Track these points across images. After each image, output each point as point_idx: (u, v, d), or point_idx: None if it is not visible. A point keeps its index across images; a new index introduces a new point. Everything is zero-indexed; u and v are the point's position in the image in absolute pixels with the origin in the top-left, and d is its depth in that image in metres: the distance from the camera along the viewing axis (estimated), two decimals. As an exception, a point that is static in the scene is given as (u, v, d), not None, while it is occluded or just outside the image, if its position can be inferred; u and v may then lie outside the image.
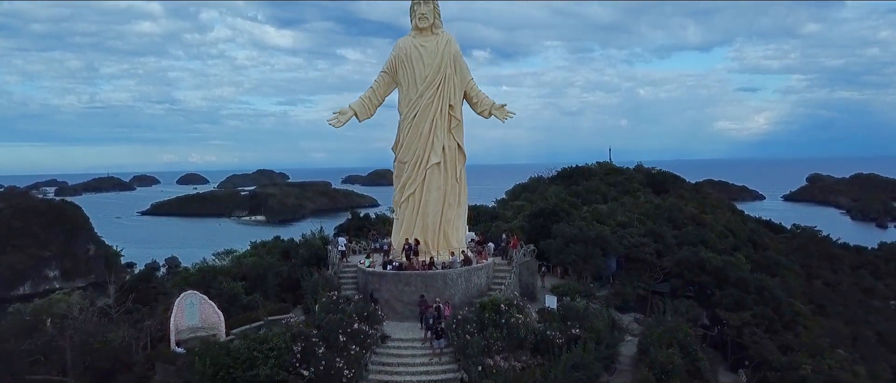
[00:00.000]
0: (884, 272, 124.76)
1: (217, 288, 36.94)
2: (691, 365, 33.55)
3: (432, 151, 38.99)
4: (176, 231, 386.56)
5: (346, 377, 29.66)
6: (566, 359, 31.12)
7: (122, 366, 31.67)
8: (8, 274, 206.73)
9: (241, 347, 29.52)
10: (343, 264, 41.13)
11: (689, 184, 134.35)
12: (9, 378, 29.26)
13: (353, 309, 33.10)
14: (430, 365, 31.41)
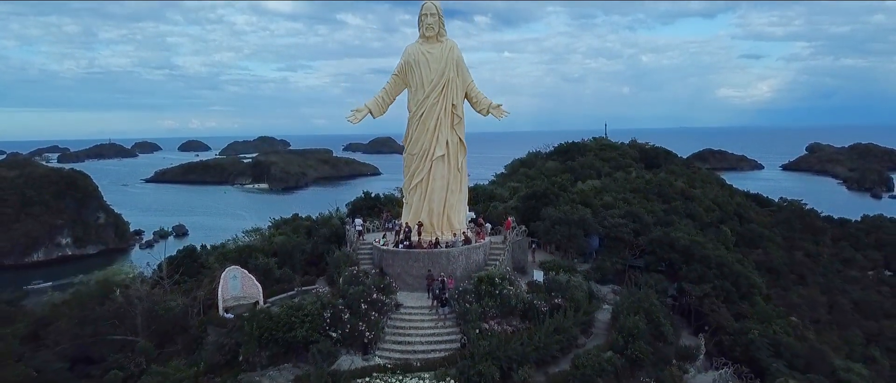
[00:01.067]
0: (865, 244, 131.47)
1: (253, 263, 43.42)
2: (655, 330, 40.14)
3: (437, 145, 45.09)
4: (181, 199, 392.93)
5: (367, 338, 36.40)
6: (549, 324, 37.81)
7: (180, 329, 38.28)
8: (23, 241, 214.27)
9: (281, 313, 36.15)
10: (360, 242, 47.67)
11: (680, 159, 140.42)
12: (95, 336, 35.84)
13: (371, 281, 39.70)
14: (436, 329, 38.10)
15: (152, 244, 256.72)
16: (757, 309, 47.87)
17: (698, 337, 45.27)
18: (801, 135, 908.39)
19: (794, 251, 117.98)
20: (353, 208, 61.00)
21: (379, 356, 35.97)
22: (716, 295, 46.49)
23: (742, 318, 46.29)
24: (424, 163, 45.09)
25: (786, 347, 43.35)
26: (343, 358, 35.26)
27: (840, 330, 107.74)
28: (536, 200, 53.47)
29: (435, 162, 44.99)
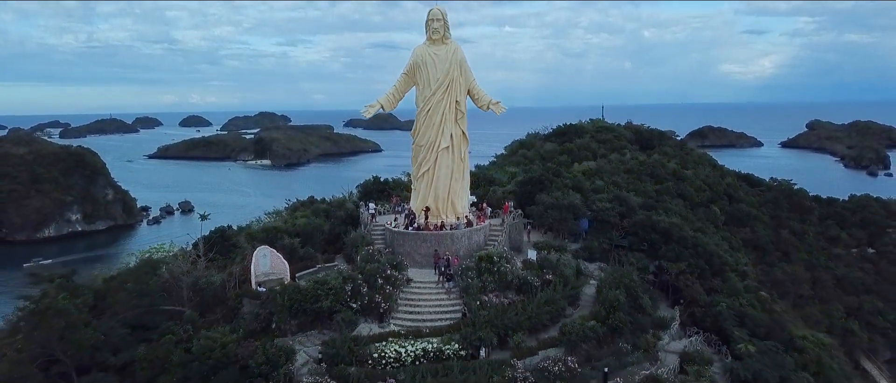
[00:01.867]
0: (850, 222, 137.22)
1: (280, 243, 49.16)
2: (634, 303, 46.03)
3: (443, 137, 50.59)
4: (185, 175, 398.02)
5: (383, 308, 42.30)
6: (540, 297, 43.72)
7: (219, 301, 44.10)
8: (34, 217, 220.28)
9: (308, 287, 41.98)
10: (373, 224, 53.42)
11: (674, 140, 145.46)
12: (149, 307, 41.66)
13: (385, 259, 45.52)
14: (442, 300, 44.00)
15: (159, 220, 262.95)
16: (728, 284, 53.73)
17: (673, 309, 51.23)
18: (803, 112, 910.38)
19: (780, 229, 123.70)
20: (364, 191, 66.49)
21: (393, 323, 41.90)
22: (690, 271, 52.33)
23: (713, 292, 52.15)
24: (431, 154, 50.63)
25: (749, 318, 49.27)
26: (362, 326, 41.16)
27: (822, 304, 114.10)
28: (532, 186, 59.05)
29: (440, 153, 50.52)
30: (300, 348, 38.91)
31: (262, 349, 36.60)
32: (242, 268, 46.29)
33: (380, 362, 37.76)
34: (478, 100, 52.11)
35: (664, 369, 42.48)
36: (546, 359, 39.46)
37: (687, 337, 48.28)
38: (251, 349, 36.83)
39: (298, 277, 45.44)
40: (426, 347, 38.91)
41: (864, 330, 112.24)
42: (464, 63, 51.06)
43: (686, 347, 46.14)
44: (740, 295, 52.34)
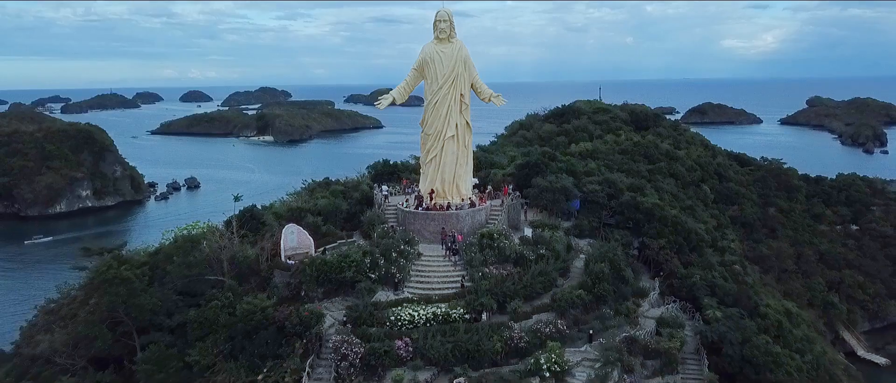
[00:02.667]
0: (836, 200, 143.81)
1: (304, 221, 55.55)
2: (617, 274, 52.55)
3: (448, 127, 56.69)
4: (189, 151, 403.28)
5: (397, 278, 48.86)
6: (535, 269, 50.25)
7: (253, 272, 50.59)
8: (46, 193, 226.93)
9: (332, 259, 48.49)
10: (386, 204, 59.82)
11: (668, 121, 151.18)
12: (195, 277, 48.13)
13: (399, 236, 52.00)
14: (449, 272, 50.54)
15: (167, 196, 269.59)
16: (703, 258, 60.29)
17: (653, 280, 57.94)
18: (804, 88, 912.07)
19: (767, 207, 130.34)
20: (375, 173, 72.70)
21: (406, 291, 48.52)
22: (670, 247, 58.87)
23: (690, 266, 58.71)
24: (438, 142, 56.82)
25: (719, 288, 55.95)
26: (380, 293, 47.75)
27: (804, 278, 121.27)
28: (529, 169, 65.30)
29: (446, 141, 56.70)
30: (328, 312, 45.54)
31: (296, 312, 43.19)
32: (272, 243, 52.69)
33: (396, 324, 44.40)
34: (480, 93, 58.17)
35: (642, 332, 49.27)
36: (539, 322, 46.20)
37: (664, 304, 55.06)
38: (287, 312, 43.41)
39: (321, 251, 51.85)
40: (435, 311, 45.54)
41: (844, 303, 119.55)
42: (468, 60, 57.00)
43: (663, 313, 52.91)
44: (713, 268, 58.94)
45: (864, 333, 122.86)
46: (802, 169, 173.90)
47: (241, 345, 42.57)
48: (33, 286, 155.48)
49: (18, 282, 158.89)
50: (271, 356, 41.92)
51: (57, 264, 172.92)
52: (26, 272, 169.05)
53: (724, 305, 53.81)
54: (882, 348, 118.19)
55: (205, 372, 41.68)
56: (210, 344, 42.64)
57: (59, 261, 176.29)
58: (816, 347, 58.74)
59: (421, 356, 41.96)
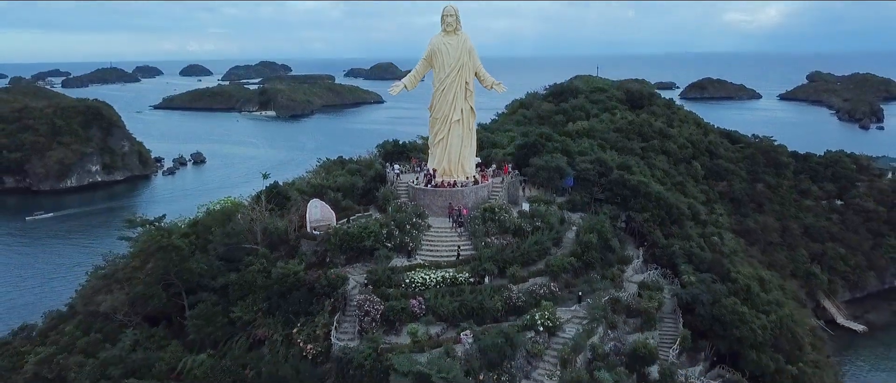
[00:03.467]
0: (822, 176, 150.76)
1: (326, 196, 62.40)
2: (604, 244, 59.53)
3: (454, 111, 63.23)
4: (193, 126, 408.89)
5: (410, 247, 55.83)
6: (531, 239, 57.23)
7: (282, 241, 57.58)
8: (57, 168, 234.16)
9: (353, 230, 55.45)
10: (398, 182, 66.65)
11: (662, 99, 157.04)
12: (234, 245, 55.12)
13: (411, 209, 58.94)
14: (456, 241, 57.49)
15: (174, 171, 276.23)
16: (682, 230, 67.29)
17: (638, 249, 65.01)
18: (806, 62, 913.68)
19: (756, 183, 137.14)
20: (385, 152, 79.41)
21: (418, 258, 55.54)
22: (653, 220, 65.84)
23: (670, 237, 65.74)
24: (445, 125, 63.44)
25: (696, 256, 63.07)
26: (395, 260, 54.76)
27: (789, 250, 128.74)
28: (527, 149, 72.02)
29: (453, 124, 63.30)
30: (350, 276, 52.61)
31: (324, 276, 50.28)
32: (299, 216, 59.62)
33: (410, 286, 51.46)
34: (483, 81, 64.68)
35: (625, 294, 56.53)
36: (534, 285, 53.34)
37: (646, 271, 62.29)
38: (315, 276, 50.50)
39: (342, 223, 58.80)
40: (444, 275, 52.63)
41: (825, 274, 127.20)
42: (472, 51, 63.39)
43: (644, 278, 60.18)
44: (692, 239, 65.98)
45: (845, 302, 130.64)
46: (796, 145, 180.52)
47: (277, 304, 49.73)
48: (41, 259, 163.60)
49: (28, 257, 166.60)
50: (303, 312, 49.12)
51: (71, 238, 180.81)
52: (40, 246, 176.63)
53: (700, 271, 60.92)
54: (861, 316, 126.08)
55: (246, 326, 48.88)
56: (250, 302, 49.81)
57: (70, 235, 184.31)
58: (783, 310, 65.85)
59: (432, 313, 49.09)
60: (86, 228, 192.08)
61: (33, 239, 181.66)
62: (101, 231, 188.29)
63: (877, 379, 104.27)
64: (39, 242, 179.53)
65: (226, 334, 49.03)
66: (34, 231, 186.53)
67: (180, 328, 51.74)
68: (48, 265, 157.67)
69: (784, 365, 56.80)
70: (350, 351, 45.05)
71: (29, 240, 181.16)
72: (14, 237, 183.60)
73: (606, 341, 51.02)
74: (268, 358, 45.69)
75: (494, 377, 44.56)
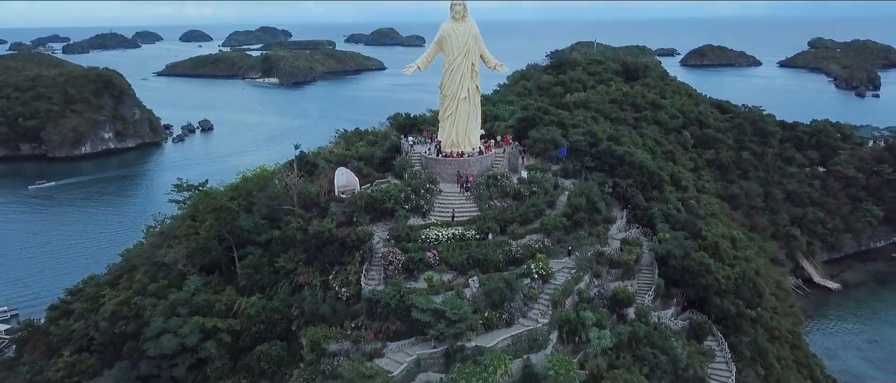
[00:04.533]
0: (807, 145, 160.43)
1: (350, 165, 71.97)
2: (592, 206, 69.23)
3: (462, 90, 72.35)
4: (198, 93, 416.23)
5: (424, 209, 65.58)
6: (528, 202, 66.99)
7: (314, 203, 67.30)
8: (71, 135, 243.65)
9: (376, 194, 65.14)
10: (412, 152, 76.15)
11: (656, 70, 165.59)
12: (275, 207, 64.88)
13: (424, 176, 68.59)
14: (463, 203, 67.25)
15: (183, 138, 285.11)
16: (661, 194, 77.04)
17: (622, 211, 74.84)
18: (810, 27, 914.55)
19: (742, 151, 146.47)
20: (397, 124, 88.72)
21: (432, 218, 65.30)
22: (636, 185, 75.55)
23: (650, 200, 75.50)
24: (454, 102, 72.66)
25: (672, 217, 72.92)
26: (412, 219, 64.52)
27: (771, 214, 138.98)
28: (526, 122, 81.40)
29: (460, 101, 72.52)
30: (375, 232, 62.44)
31: (353, 232, 60.10)
32: (327, 181, 69.26)
33: (425, 241, 61.26)
34: (487, 62, 73.76)
35: (609, 248, 66.52)
36: (531, 240, 63.23)
37: (629, 229, 72.17)
38: (346, 232, 60.34)
39: (365, 187, 68.46)
40: (454, 233, 62.46)
41: (804, 236, 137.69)
42: (478, 35, 72.30)
43: (626, 235, 70.10)
44: (669, 202, 75.74)
45: (823, 263, 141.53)
46: (789, 113, 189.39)
47: (314, 255, 59.71)
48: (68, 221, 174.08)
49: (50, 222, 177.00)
50: (337, 262, 59.11)
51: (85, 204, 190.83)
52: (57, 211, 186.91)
53: (675, 230, 70.80)
54: (836, 275, 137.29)
55: (289, 274, 58.90)
56: (291, 254, 59.77)
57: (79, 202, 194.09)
58: (749, 265, 75.84)
59: (445, 263, 59.03)
60: (98, 196, 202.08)
61: (53, 205, 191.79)
62: (113, 198, 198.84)
63: (843, 331, 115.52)
64: (61, 207, 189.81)
65: (271, 280, 59.06)
66: (50, 198, 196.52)
67: (231, 276, 61.77)
68: (72, 229, 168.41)
69: (744, 310, 66.97)
70: (378, 293, 55.10)
71: (47, 205, 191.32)
72: (34, 203, 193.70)
73: (591, 287, 61.12)
74: (309, 300, 55.73)
75: (497, 315, 54.64)
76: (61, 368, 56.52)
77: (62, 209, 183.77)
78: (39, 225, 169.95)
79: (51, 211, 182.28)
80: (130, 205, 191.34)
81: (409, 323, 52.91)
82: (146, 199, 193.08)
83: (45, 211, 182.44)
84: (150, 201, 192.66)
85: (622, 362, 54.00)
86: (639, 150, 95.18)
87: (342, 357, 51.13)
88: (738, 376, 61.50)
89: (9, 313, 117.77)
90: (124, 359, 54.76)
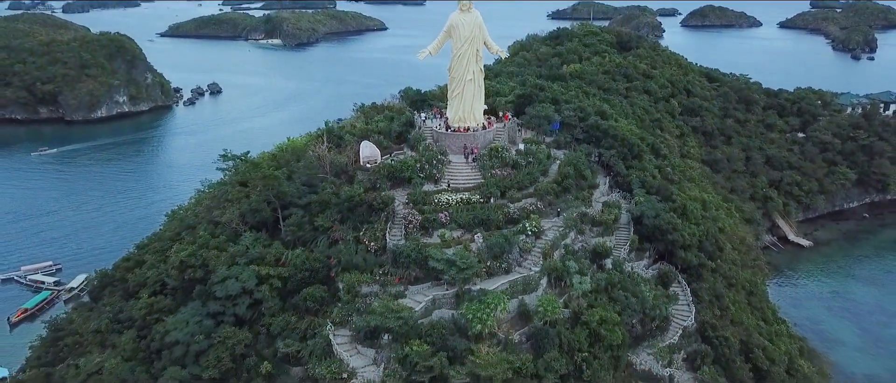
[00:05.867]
0: (789, 111, 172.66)
1: (371, 138, 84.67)
2: (579, 174, 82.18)
3: (468, 72, 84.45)
4: (203, 55, 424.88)
5: (436, 176, 78.56)
6: (524, 170, 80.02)
7: (342, 172, 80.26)
8: (87, 99, 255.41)
9: (395, 164, 78.08)
10: (424, 126, 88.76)
11: (648, 41, 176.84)
12: (311, 174, 77.82)
13: (436, 149, 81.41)
14: (469, 173, 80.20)
15: (193, 101, 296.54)
16: (640, 162, 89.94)
17: (605, 177, 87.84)
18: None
19: (726, 118, 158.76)
20: (409, 100, 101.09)
21: (442, 185, 78.28)
22: (617, 155, 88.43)
23: (630, 168, 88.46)
24: (461, 84, 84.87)
25: (648, 183, 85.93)
26: (426, 186, 77.50)
27: (751, 177, 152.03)
28: (524, 98, 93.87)
29: (466, 83, 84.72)
30: (396, 196, 75.49)
31: (378, 196, 73.14)
32: (353, 152, 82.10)
33: (438, 204, 74.35)
34: (490, 49, 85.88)
35: (592, 210, 79.73)
36: (526, 203, 76.31)
37: (610, 194, 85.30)
38: (372, 196, 73.41)
39: (386, 158, 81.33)
40: (462, 197, 75.49)
41: (781, 197, 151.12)
42: (482, 25, 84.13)
43: (608, 199, 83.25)
44: (646, 170, 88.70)
45: (799, 222, 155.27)
46: (781, 77, 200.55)
47: (346, 216, 72.97)
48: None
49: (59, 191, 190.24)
50: (365, 221, 72.36)
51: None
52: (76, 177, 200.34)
53: (650, 194, 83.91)
54: (810, 234, 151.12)
55: (326, 231, 72.15)
56: (327, 215, 72.97)
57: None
58: (715, 224, 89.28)
59: (454, 222, 72.29)
60: (117, 160, 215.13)
61: (77, 168, 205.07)
62: (132, 162, 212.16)
63: (810, 284, 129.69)
64: (88, 170, 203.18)
65: (311, 236, 72.31)
66: (72, 162, 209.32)
67: (276, 232, 75.04)
68: (98, 192, 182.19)
69: (705, 261, 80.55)
70: (400, 246, 68.49)
71: (73, 169, 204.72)
72: (68, 165, 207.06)
73: (576, 242, 74.63)
74: (344, 251, 69.03)
75: (497, 264, 68.10)
76: (142, 307, 70.27)
77: (90, 172, 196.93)
78: (68, 187, 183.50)
79: (76, 174, 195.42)
80: (153, 168, 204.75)
81: (426, 270, 66.48)
82: (166, 164, 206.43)
83: (72, 174, 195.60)
84: (170, 165, 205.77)
85: (599, 302, 67.62)
86: (624, 121, 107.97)
87: (373, 297, 64.77)
88: (697, 316, 75.33)
89: (54, 267, 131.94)
90: (195, 300, 68.41)
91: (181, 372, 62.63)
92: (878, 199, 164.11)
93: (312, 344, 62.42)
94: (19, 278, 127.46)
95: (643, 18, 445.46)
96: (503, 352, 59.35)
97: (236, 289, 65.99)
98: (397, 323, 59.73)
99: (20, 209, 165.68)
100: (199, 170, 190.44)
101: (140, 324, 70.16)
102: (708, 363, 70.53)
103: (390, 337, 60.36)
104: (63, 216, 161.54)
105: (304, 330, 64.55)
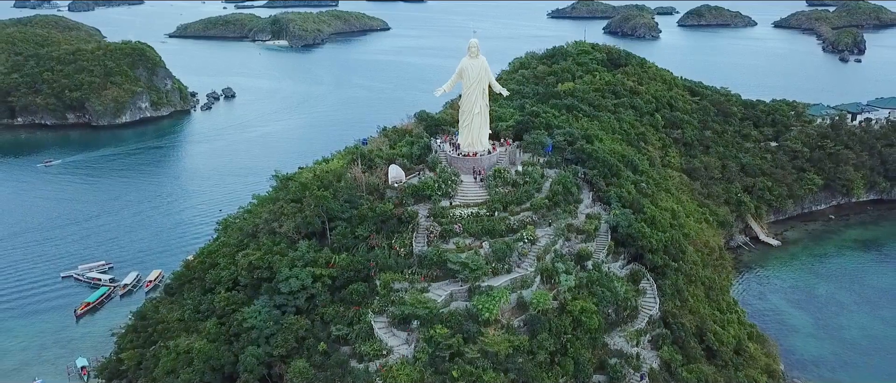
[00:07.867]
0: (764, 122, 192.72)
1: (397, 161, 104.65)
2: (567, 191, 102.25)
3: (476, 107, 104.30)
4: (213, 57, 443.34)
5: (451, 194, 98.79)
6: (522, 188, 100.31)
7: (375, 190, 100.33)
8: (113, 106, 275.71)
9: (418, 184, 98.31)
10: (439, 150, 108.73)
11: (637, 58, 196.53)
12: (351, 192, 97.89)
13: (451, 170, 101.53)
14: (478, 191, 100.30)
15: (210, 106, 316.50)
16: (619, 180, 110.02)
17: (589, 193, 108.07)
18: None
19: (705, 130, 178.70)
20: (425, 125, 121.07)
21: (456, 201, 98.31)
22: (599, 174, 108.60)
23: (610, 185, 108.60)
24: (469, 116, 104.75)
25: (624, 197, 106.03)
26: (443, 202, 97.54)
27: (726, 183, 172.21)
28: (522, 125, 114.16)
29: (475, 115, 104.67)
30: (419, 211, 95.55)
31: (406, 211, 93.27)
32: (383, 173, 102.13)
33: (453, 217, 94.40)
34: (493, 88, 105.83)
35: (577, 221, 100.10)
36: (524, 216, 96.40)
37: (592, 207, 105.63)
38: (401, 210, 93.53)
39: (410, 178, 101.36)
40: (472, 211, 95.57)
41: (753, 201, 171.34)
42: (487, 69, 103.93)
43: (590, 212, 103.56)
44: (623, 186, 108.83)
45: (770, 223, 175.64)
46: (768, 81, 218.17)
47: (381, 227, 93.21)
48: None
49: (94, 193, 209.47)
50: (396, 232, 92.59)
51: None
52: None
53: (624, 207, 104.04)
54: (779, 234, 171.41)
55: (365, 239, 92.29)
56: (366, 226, 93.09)
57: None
58: (681, 231, 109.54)
59: (467, 232, 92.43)
60: (144, 166, 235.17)
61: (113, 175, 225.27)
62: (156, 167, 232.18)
63: (775, 278, 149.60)
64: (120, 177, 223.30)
65: (353, 244, 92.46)
66: (97, 168, 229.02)
67: (324, 241, 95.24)
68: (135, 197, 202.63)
69: (670, 262, 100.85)
70: (424, 252, 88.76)
71: (113, 175, 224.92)
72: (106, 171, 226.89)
73: (563, 247, 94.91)
74: (380, 256, 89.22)
75: (500, 266, 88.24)
76: (222, 300, 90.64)
77: (124, 177, 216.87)
78: (105, 193, 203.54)
79: (111, 180, 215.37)
80: (180, 172, 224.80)
81: (445, 270, 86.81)
82: (191, 169, 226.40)
83: (107, 180, 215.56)
84: (195, 172, 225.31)
85: (581, 296, 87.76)
86: (609, 139, 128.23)
87: (404, 292, 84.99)
88: (660, 306, 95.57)
89: (106, 265, 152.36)
90: (264, 294, 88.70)
91: (257, 350, 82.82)
92: (844, 202, 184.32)
93: (357, 329, 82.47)
94: (78, 276, 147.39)
95: (640, 19, 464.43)
96: (506, 334, 79.54)
97: (296, 286, 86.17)
98: (424, 311, 79.86)
99: (66, 213, 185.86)
100: (225, 178, 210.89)
101: (219, 313, 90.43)
102: (668, 343, 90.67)
103: (418, 323, 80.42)
104: (105, 220, 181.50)
105: (351, 317, 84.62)
